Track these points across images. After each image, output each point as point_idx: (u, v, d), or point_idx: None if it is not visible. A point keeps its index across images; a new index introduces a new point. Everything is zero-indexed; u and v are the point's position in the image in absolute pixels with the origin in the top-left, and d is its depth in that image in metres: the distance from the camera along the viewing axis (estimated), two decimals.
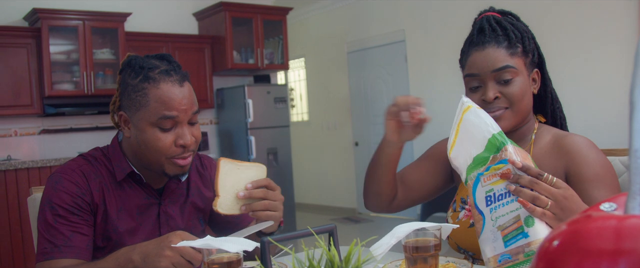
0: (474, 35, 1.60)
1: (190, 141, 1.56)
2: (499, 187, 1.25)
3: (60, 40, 5.57)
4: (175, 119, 1.53)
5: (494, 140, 1.27)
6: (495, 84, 1.53)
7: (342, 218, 7.81)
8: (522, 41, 1.56)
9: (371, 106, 7.80)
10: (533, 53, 1.59)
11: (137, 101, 1.53)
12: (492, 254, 1.25)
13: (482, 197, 1.27)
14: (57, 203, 1.53)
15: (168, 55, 1.61)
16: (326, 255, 0.99)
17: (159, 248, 1.33)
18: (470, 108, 1.33)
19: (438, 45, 6.78)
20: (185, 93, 1.55)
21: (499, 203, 1.25)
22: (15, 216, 4.87)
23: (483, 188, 1.27)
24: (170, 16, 6.48)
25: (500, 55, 1.53)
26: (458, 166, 1.35)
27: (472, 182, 1.30)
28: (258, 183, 1.50)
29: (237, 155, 6.43)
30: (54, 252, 1.50)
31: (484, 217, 1.27)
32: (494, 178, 1.26)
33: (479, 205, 1.28)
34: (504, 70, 1.52)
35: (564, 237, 0.48)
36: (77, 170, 1.60)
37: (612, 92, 5.25)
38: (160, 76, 1.53)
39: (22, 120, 5.58)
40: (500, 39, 1.54)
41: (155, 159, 1.56)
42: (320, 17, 8.42)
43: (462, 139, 1.34)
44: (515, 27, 1.58)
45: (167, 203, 1.69)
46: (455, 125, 1.36)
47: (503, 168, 1.24)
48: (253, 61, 6.57)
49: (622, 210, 0.52)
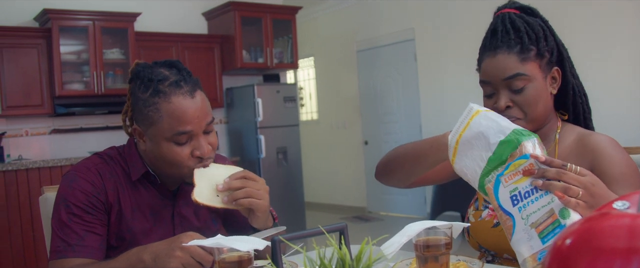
0: (487, 38, 1.57)
1: (207, 151, 1.54)
2: (523, 185, 1.22)
3: (71, 41, 5.60)
4: (190, 133, 1.51)
5: (510, 138, 1.23)
6: (508, 91, 1.50)
7: (352, 217, 7.81)
8: (536, 43, 1.51)
9: (381, 105, 7.79)
10: (551, 52, 1.53)
11: (149, 116, 1.51)
12: (529, 253, 1.22)
13: (506, 197, 1.24)
14: (72, 202, 1.53)
15: (177, 61, 1.58)
16: (337, 254, 0.99)
17: (169, 248, 1.33)
18: (479, 113, 1.30)
19: (447, 43, 6.76)
20: (197, 105, 1.52)
21: (526, 201, 1.22)
22: (26, 215, 4.90)
23: (506, 189, 1.24)
24: (179, 16, 6.50)
25: (511, 62, 1.49)
26: (467, 175, 1.31)
27: (492, 185, 1.26)
28: (235, 175, 1.52)
29: (247, 155, 6.44)
30: (67, 251, 1.50)
31: (513, 218, 1.23)
32: (516, 177, 1.22)
33: (505, 207, 1.24)
34: (515, 78, 1.48)
35: (577, 235, 0.48)
36: (93, 168, 1.60)
37: (626, 90, 5.22)
38: (171, 89, 1.50)
39: (33, 120, 5.61)
40: (511, 43, 1.50)
41: (175, 171, 1.56)
42: (330, 16, 8.42)
43: (466, 147, 1.30)
44: (531, 27, 1.53)
45: (182, 205, 1.69)
46: (456, 134, 1.32)
47: (524, 164, 1.21)
48: (262, 60, 6.58)
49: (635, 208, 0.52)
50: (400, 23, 7.36)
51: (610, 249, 0.45)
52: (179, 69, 1.55)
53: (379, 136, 7.83)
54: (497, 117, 1.28)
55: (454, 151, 1.33)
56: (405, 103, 7.47)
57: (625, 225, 0.46)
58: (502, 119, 1.27)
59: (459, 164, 1.32)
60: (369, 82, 7.94)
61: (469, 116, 1.30)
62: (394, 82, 7.58)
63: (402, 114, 7.52)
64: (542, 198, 1.20)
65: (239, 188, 1.51)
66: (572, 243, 0.48)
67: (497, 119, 1.28)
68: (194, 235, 1.35)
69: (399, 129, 7.55)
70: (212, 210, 1.76)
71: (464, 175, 1.32)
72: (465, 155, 1.30)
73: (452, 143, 1.33)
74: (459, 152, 1.32)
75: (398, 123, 7.59)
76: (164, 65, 1.56)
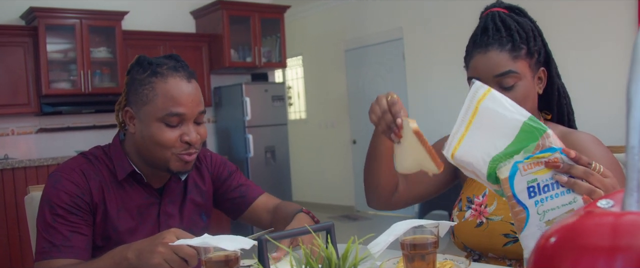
0: (477, 36, 1.57)
1: (196, 138, 1.57)
2: (544, 177, 1.14)
3: (57, 39, 5.56)
4: (182, 116, 1.54)
5: (529, 127, 1.15)
6: (498, 88, 1.49)
7: (340, 216, 7.81)
8: (526, 42, 1.52)
9: (369, 104, 7.70)
10: (539, 52, 1.55)
11: (144, 95, 1.54)
12: None
13: (523, 187, 1.15)
14: (56, 203, 1.53)
15: (176, 55, 1.63)
16: (324, 253, 0.99)
17: (152, 245, 1.32)
18: (487, 95, 1.20)
19: (436, 43, 6.78)
20: (192, 89, 1.57)
21: (545, 196, 1.14)
22: (12, 215, 4.86)
23: (524, 178, 1.15)
24: (167, 14, 6.47)
25: (503, 59, 1.50)
26: (471, 164, 1.21)
27: (508, 171, 1.16)
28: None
29: (236, 154, 6.43)
30: (53, 252, 1.50)
31: (528, 210, 1.15)
32: (536, 167, 1.14)
33: (520, 197, 1.16)
34: (506, 75, 1.50)
35: (561, 234, 0.48)
36: (77, 169, 1.59)
37: (609, 89, 5.26)
38: (168, 71, 1.55)
39: (19, 119, 5.57)
40: (503, 41, 1.51)
41: (160, 154, 1.56)
42: (318, 15, 8.42)
43: (476, 133, 1.20)
44: (521, 26, 1.54)
45: (167, 203, 1.70)
46: (464, 120, 1.22)
47: (550, 157, 1.14)
48: (250, 59, 6.56)
49: (619, 207, 0.52)
50: (389, 22, 7.37)
51: (594, 247, 0.45)
52: (177, 60, 1.60)
53: (368, 135, 7.76)
54: (507, 101, 1.20)
55: (460, 138, 1.23)
56: None
57: (609, 224, 0.47)
58: (513, 105, 1.19)
59: (463, 151, 1.22)
60: (358, 81, 7.95)
61: (477, 99, 1.22)
62: (382, 81, 7.59)
63: None
64: (564, 196, 1.14)
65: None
66: (556, 242, 0.48)
67: (507, 104, 1.20)
68: (177, 232, 1.34)
69: None
70: (199, 206, 1.76)
71: (465, 163, 1.22)
72: (472, 141, 1.21)
73: (461, 130, 1.22)
74: (466, 139, 1.22)
75: None
76: (163, 57, 1.61)
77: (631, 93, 0.49)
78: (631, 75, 0.48)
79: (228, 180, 1.84)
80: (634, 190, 0.49)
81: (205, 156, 1.84)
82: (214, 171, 1.83)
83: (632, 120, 0.49)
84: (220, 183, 1.83)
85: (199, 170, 1.80)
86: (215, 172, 1.83)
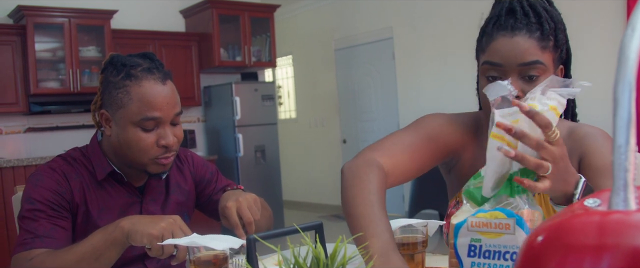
0: (501, 16, 1.37)
1: (173, 141, 1.55)
2: (489, 242, 1.05)
3: (46, 38, 5.53)
4: (157, 120, 1.52)
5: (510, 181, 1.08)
6: (519, 78, 1.33)
7: (330, 215, 7.81)
8: (555, 33, 1.37)
9: (359, 103, 7.80)
10: (562, 48, 1.41)
11: (118, 99, 1.52)
12: None
13: (465, 242, 1.08)
14: (36, 199, 1.51)
15: (151, 53, 1.60)
16: (312, 252, 0.98)
17: (157, 218, 1.35)
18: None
19: (425, 42, 6.79)
20: (167, 92, 1.54)
21: (484, 262, 1.06)
22: (0, 215, 4.83)
23: (469, 233, 1.07)
24: (156, 13, 6.45)
25: (531, 47, 1.32)
26: (495, 159, 1.08)
27: (458, 221, 1.09)
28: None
29: (225, 153, 6.42)
30: (35, 242, 1.46)
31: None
32: (485, 228, 1.05)
33: (459, 251, 1.09)
34: (532, 65, 1.32)
35: (548, 233, 0.48)
36: (58, 169, 1.58)
37: (597, 88, 5.28)
38: (143, 74, 1.52)
39: (7, 118, 5.53)
40: (533, 27, 1.33)
41: (137, 159, 1.55)
42: (308, 14, 8.41)
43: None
44: (550, 15, 1.38)
45: (149, 201, 1.69)
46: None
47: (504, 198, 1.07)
48: (240, 58, 6.55)
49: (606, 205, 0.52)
50: (379, 22, 7.38)
51: (581, 246, 0.46)
52: (152, 59, 1.58)
53: (357, 135, 7.84)
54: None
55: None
56: (383, 101, 7.49)
57: (596, 222, 0.47)
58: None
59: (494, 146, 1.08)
60: (347, 81, 7.95)
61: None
62: (372, 81, 7.60)
63: (380, 113, 7.54)
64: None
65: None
66: (542, 241, 0.48)
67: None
68: (178, 219, 1.36)
69: (377, 127, 7.57)
70: (182, 205, 1.75)
71: (491, 157, 1.09)
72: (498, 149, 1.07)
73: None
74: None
75: (376, 121, 7.61)
76: (138, 56, 1.58)
77: (618, 92, 0.49)
78: (618, 74, 0.48)
79: (212, 182, 1.84)
80: (620, 189, 0.49)
81: (186, 156, 1.83)
82: (195, 171, 1.82)
83: (619, 120, 0.49)
84: (204, 185, 1.83)
85: (181, 170, 1.79)
86: (197, 173, 1.83)
